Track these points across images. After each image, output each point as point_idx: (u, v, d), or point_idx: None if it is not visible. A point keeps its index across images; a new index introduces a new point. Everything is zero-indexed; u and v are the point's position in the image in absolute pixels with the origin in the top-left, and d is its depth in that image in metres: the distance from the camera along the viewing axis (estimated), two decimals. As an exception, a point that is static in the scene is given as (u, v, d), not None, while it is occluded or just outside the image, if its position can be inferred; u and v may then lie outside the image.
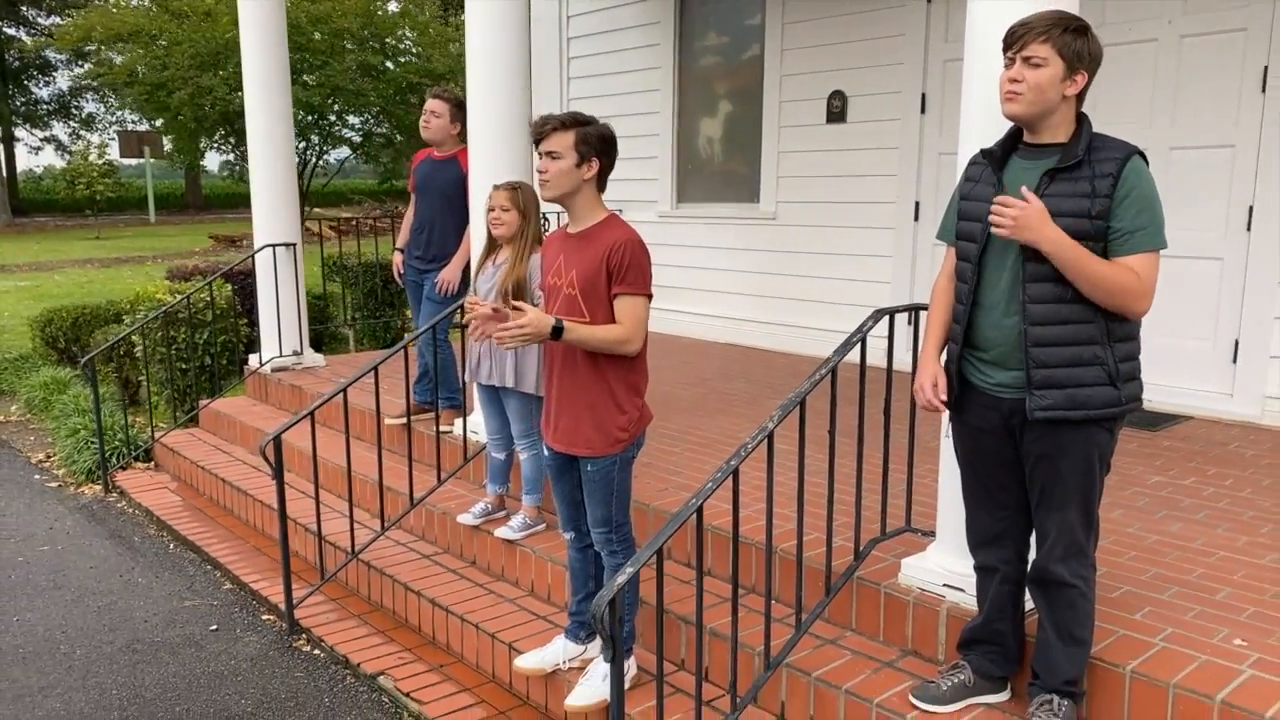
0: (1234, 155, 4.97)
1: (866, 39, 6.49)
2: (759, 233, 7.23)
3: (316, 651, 3.99)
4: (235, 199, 36.10)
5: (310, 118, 14.99)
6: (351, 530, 4.28)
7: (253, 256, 6.44)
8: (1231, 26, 4.96)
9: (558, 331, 2.83)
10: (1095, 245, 2.33)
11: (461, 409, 5.09)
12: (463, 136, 5.03)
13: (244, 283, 7.78)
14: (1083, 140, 2.39)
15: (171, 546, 5.20)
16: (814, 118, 6.86)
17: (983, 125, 2.79)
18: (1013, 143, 2.53)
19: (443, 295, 4.93)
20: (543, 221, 4.14)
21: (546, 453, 3.19)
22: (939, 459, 3.07)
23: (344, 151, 20.17)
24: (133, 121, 28.10)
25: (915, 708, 2.73)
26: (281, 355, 6.58)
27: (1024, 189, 2.34)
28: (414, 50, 14.44)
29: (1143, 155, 2.38)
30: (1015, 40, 2.40)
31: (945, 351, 2.64)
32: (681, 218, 7.81)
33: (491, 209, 3.95)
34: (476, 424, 4.70)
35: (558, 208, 4.77)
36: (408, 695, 3.56)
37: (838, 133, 6.71)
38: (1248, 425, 4.94)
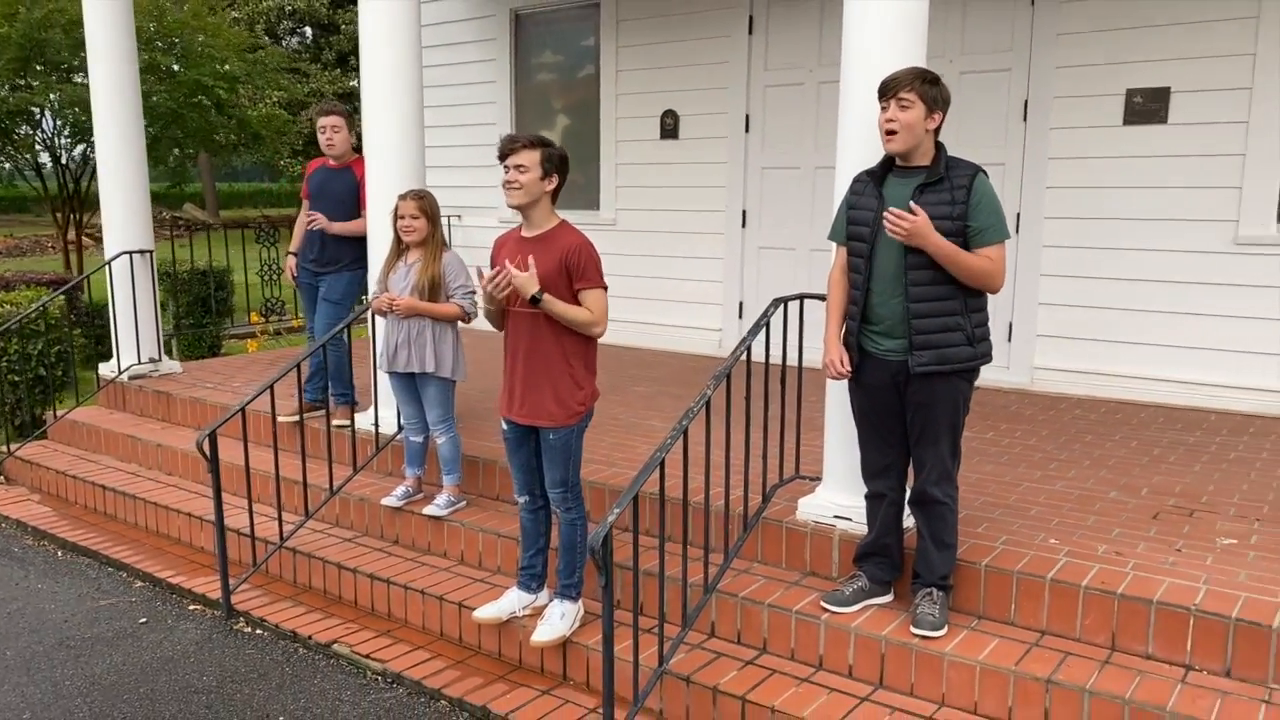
0: (1004, 172, 6.10)
1: (695, 64, 7.27)
2: (600, 238, 7.80)
3: (260, 631, 4.25)
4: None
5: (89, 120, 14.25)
6: (280, 518, 4.55)
7: (109, 264, 6.39)
8: (999, 67, 6.09)
9: (536, 301, 3.35)
10: (959, 240, 3.12)
11: (353, 404, 5.40)
12: (354, 147, 5.37)
13: (70, 291, 7.57)
14: (942, 162, 3.19)
15: (60, 554, 5.20)
16: (649, 134, 7.58)
17: (858, 152, 3.54)
18: (888, 165, 3.30)
19: (333, 278, 5.23)
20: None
21: (506, 426, 3.69)
22: (824, 418, 3.81)
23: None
24: None
25: (826, 610, 3.45)
26: (140, 362, 6.56)
27: (913, 204, 3.09)
28: (211, 53, 14.01)
29: (984, 172, 3.20)
30: (889, 90, 3.17)
31: (844, 328, 3.37)
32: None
33: (401, 216, 4.38)
34: (380, 416, 5.06)
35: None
36: (366, 657, 3.93)
37: (671, 148, 7.46)
38: (1022, 391, 6.07)
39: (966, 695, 3.15)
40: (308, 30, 29.39)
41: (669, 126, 7.44)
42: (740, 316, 7.30)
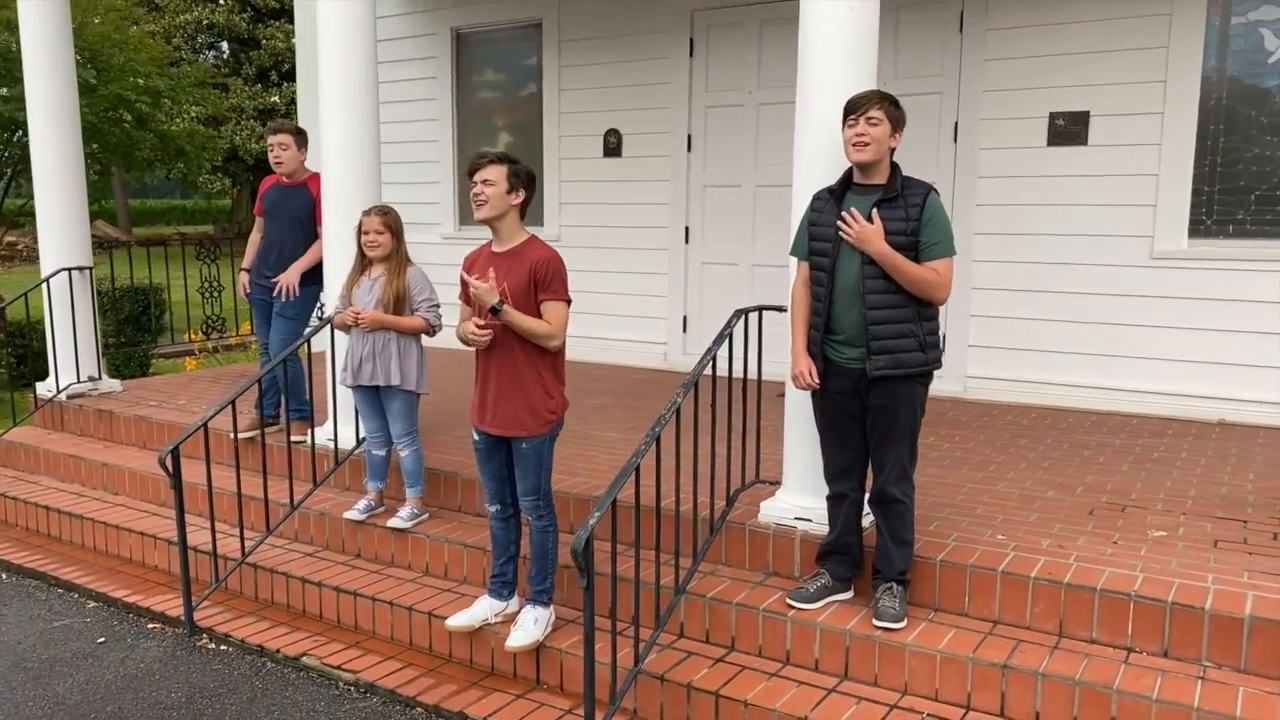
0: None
1: (638, 85, 7.45)
2: (543, 254, 7.97)
3: (224, 647, 4.24)
4: None
5: (4, 134, 13.83)
6: (241, 534, 4.54)
7: (47, 281, 6.27)
8: (930, 90, 6.39)
9: (495, 311, 3.45)
10: (912, 254, 3.33)
11: (310, 420, 5.41)
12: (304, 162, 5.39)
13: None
14: (898, 181, 3.39)
15: (4, 576, 5.09)
16: (592, 151, 7.72)
17: (818, 170, 3.73)
18: (846, 182, 3.49)
19: (285, 299, 5.23)
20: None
21: (477, 437, 3.77)
22: (783, 425, 3.98)
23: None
24: None
25: (792, 607, 3.61)
26: (79, 381, 6.44)
27: (873, 212, 3.29)
28: (134, 67, 13.74)
29: (936, 191, 3.41)
30: (859, 107, 3.36)
31: (808, 338, 3.54)
32: (464, 239, 8.37)
33: (366, 232, 4.44)
34: (331, 432, 5.08)
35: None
36: (338, 668, 3.96)
37: (614, 166, 7.62)
38: (956, 399, 6.35)
39: (928, 683, 3.33)
40: (224, 45, 28.89)
41: (612, 145, 7.59)
42: (685, 331, 7.48)
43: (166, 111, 16.87)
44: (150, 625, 4.48)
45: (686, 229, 7.38)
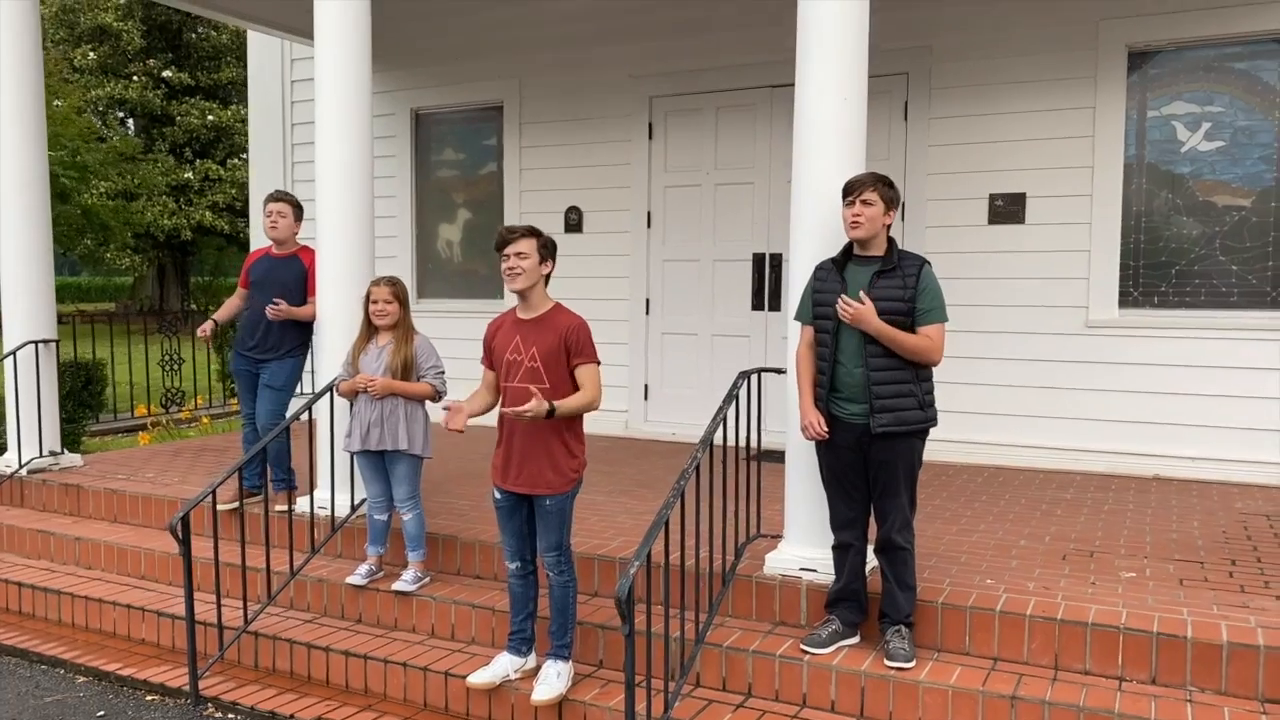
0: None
1: (598, 165, 7.79)
2: (504, 326, 8.15)
3: (232, 716, 4.22)
4: None
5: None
6: (245, 601, 4.54)
7: (14, 354, 6.18)
8: (880, 173, 6.86)
9: (551, 412, 3.64)
10: (908, 320, 3.65)
11: (293, 489, 5.44)
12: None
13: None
14: (895, 253, 3.74)
15: (-22, 655, 4.94)
16: (553, 227, 7.98)
17: (814, 244, 4.06)
18: (846, 255, 3.82)
19: (276, 364, 5.32)
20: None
21: (499, 495, 3.92)
22: (784, 481, 4.23)
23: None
24: None
25: (806, 653, 3.81)
26: (41, 455, 6.32)
27: (861, 293, 3.60)
28: (61, 141, 13.57)
29: (929, 263, 3.76)
30: (854, 190, 3.72)
31: (815, 396, 3.82)
32: (423, 311, 8.46)
33: (375, 301, 4.61)
34: (323, 499, 5.13)
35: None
36: (356, 731, 3.99)
37: (576, 241, 7.90)
38: (912, 461, 6.70)
39: (941, 717, 3.56)
40: (130, 123, 28.50)
41: (573, 221, 7.89)
42: (646, 399, 7.72)
43: (77, 187, 16.64)
44: (149, 697, 4.42)
45: (647, 301, 7.67)
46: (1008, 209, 6.53)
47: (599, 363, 3.83)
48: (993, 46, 6.49)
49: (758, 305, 7.31)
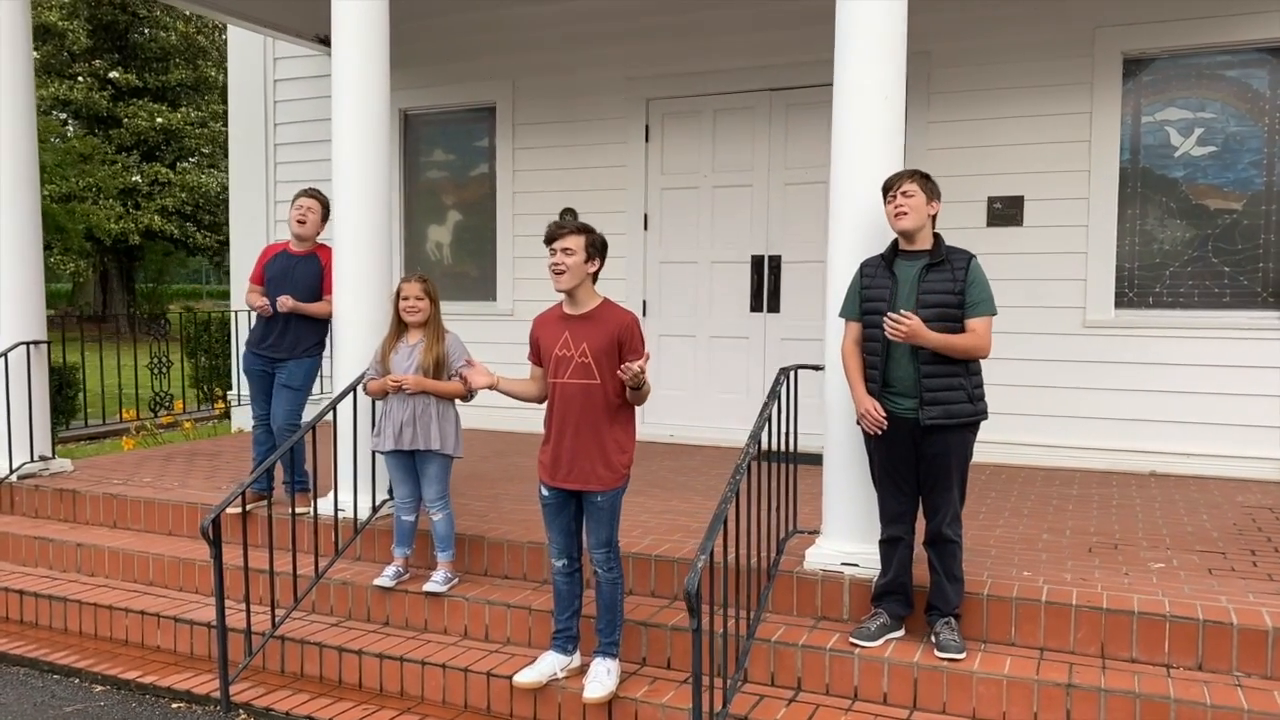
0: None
1: (594, 167, 7.78)
2: (498, 328, 8.09)
3: (266, 721, 4.12)
4: None
5: None
6: (273, 605, 4.44)
7: (5, 355, 5.98)
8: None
9: (638, 387, 3.69)
10: (959, 312, 3.70)
11: (310, 491, 5.34)
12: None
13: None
14: (942, 248, 3.79)
15: (-17, 666, 4.76)
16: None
17: (852, 242, 4.10)
18: (894, 251, 3.87)
19: (293, 363, 5.21)
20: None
21: (547, 493, 3.88)
22: (823, 474, 4.26)
23: None
24: None
25: (856, 646, 3.84)
26: (32, 460, 6.12)
27: (903, 312, 3.62)
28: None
29: (976, 257, 3.82)
30: (895, 185, 3.77)
31: (868, 390, 3.85)
32: (413, 316, 8.40)
33: (406, 298, 4.55)
34: (345, 501, 5.04)
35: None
36: (399, 734, 3.92)
37: (571, 242, 7.85)
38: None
39: (995, 707, 3.61)
40: (71, 125, 27.75)
41: (568, 223, 7.84)
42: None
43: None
44: (175, 705, 4.30)
45: (644, 302, 7.66)
46: (1006, 211, 6.65)
47: (648, 357, 3.81)
48: (991, 52, 6.61)
49: (756, 307, 7.35)
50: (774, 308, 7.29)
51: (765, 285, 7.31)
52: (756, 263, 7.33)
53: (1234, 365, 6.17)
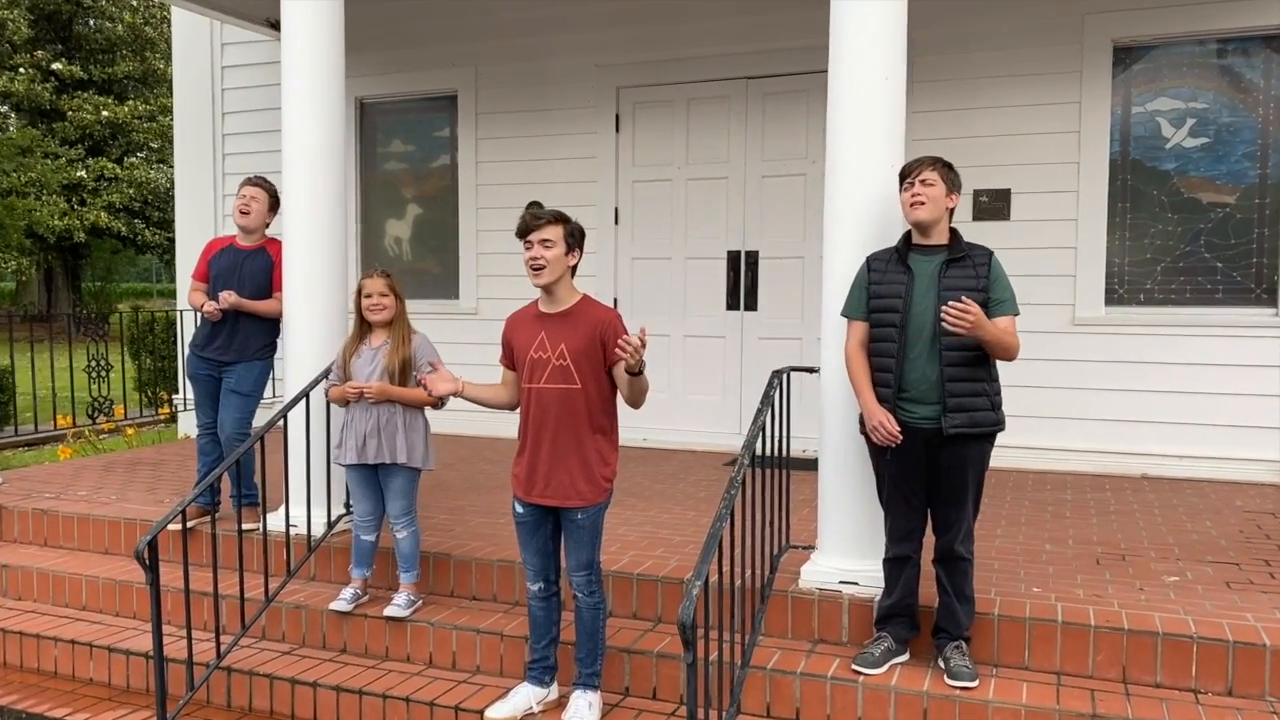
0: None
1: (561, 158, 7.41)
2: (461, 327, 7.70)
3: (209, 764, 3.73)
4: None
5: None
6: (217, 634, 4.03)
7: (-77, 359, 5.50)
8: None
9: (639, 372, 3.31)
10: (982, 310, 3.40)
11: (259, 506, 4.93)
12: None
13: None
14: (961, 242, 3.49)
15: (-107, 704, 4.30)
16: (513, 224, 7.40)
17: (852, 236, 3.80)
18: (907, 244, 3.55)
19: (243, 368, 4.81)
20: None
21: (521, 509, 3.53)
22: (817, 487, 3.95)
23: None
24: None
25: (860, 673, 3.53)
26: (-46, 474, 5.65)
27: (964, 298, 3.26)
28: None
29: (994, 253, 3.52)
30: (912, 171, 3.46)
31: (877, 395, 3.53)
32: (371, 315, 7.98)
33: (368, 295, 4.17)
34: (296, 516, 4.65)
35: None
36: (358, 777, 3.55)
37: (538, 238, 7.48)
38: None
39: (1013, 739, 3.32)
40: (12, 117, 26.78)
41: (535, 217, 7.47)
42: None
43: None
44: (107, 747, 3.89)
45: (615, 300, 7.32)
46: (993, 205, 6.40)
47: (645, 344, 3.46)
48: (976, 40, 6.35)
49: (733, 305, 7.04)
50: (751, 305, 6.99)
51: (742, 282, 7.00)
52: (733, 259, 7.02)
53: (1227, 364, 5.96)
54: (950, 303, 3.26)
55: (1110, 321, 6.19)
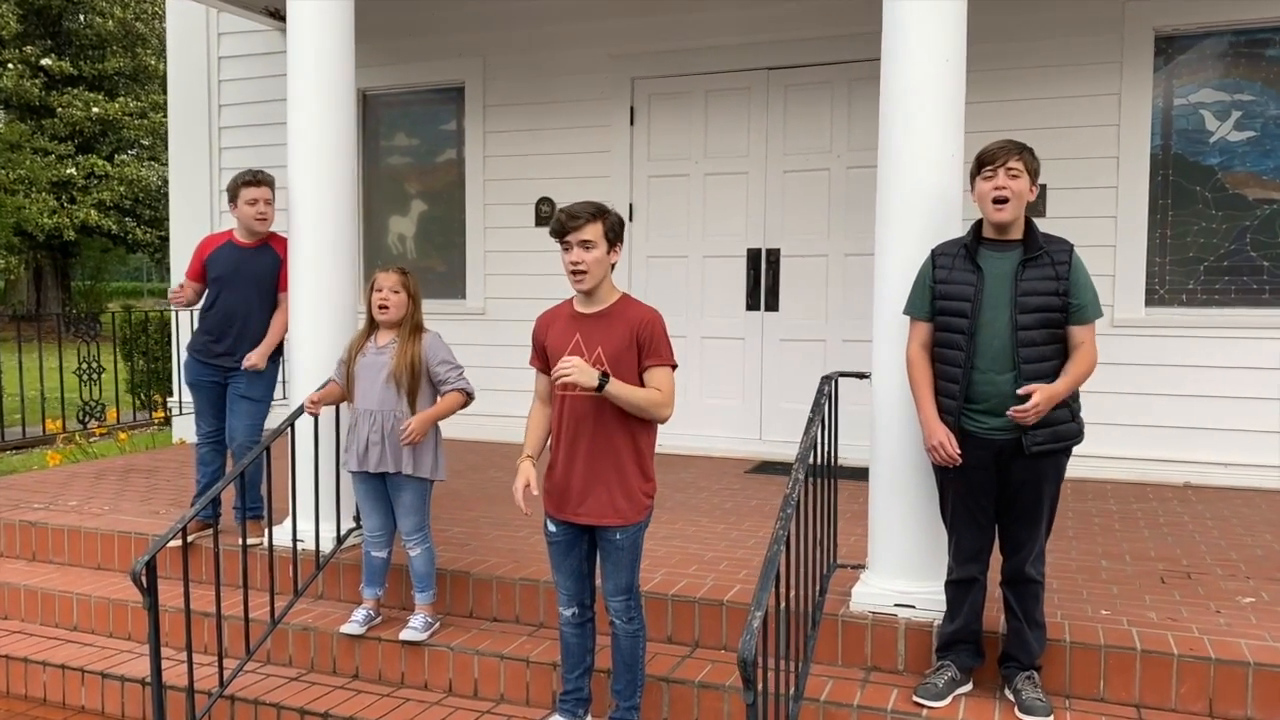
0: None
1: (573, 152, 7.12)
2: (468, 328, 7.39)
3: (213, 805, 3.43)
4: None
5: None
6: (220, 659, 3.73)
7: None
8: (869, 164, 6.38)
9: (601, 386, 2.97)
10: (1062, 316, 3.12)
11: (264, 519, 4.63)
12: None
13: None
14: (1038, 237, 3.21)
15: None
16: (522, 220, 7.29)
17: (913, 231, 3.52)
18: (976, 238, 3.27)
19: (252, 372, 4.51)
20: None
21: (554, 527, 3.24)
22: (869, 502, 3.67)
23: None
24: None
25: (923, 707, 3.24)
26: (-64, 483, 5.33)
27: (1025, 400, 3.02)
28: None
29: (1075, 248, 3.24)
30: (996, 159, 3.16)
31: (939, 406, 3.24)
32: (374, 315, 7.68)
33: (379, 290, 3.89)
34: (305, 530, 4.35)
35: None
36: (376, 820, 3.26)
37: (547, 235, 7.16)
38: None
39: (1094, 780, 3.04)
40: (1, 112, 26.34)
41: (545, 214, 7.19)
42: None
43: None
44: (100, 785, 3.59)
45: (630, 301, 7.02)
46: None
47: (675, 366, 3.17)
48: (1012, 30, 6.08)
49: (753, 305, 6.75)
50: (772, 306, 6.70)
51: (763, 281, 6.71)
52: (753, 257, 6.73)
53: (1273, 368, 5.70)
54: (1011, 411, 3.01)
55: (1151, 323, 5.92)
